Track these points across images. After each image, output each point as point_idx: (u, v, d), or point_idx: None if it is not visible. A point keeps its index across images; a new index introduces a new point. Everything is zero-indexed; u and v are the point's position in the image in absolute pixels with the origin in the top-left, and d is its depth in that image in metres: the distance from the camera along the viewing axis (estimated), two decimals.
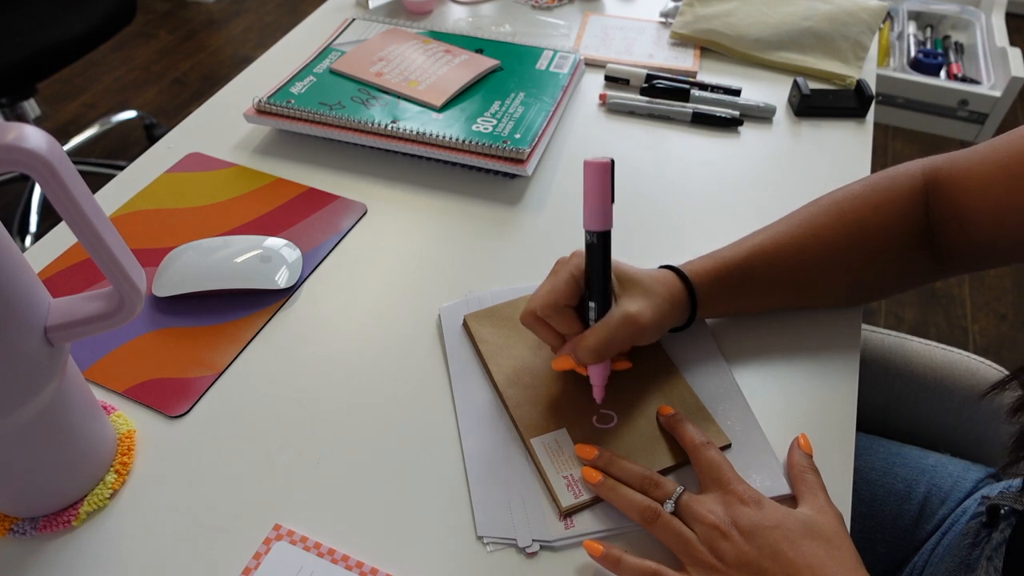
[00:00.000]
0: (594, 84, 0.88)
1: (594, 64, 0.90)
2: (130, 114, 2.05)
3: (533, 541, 0.47)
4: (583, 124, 0.82)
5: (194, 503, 0.49)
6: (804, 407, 0.55)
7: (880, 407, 0.76)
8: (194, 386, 0.55)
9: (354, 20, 0.92)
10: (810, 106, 0.83)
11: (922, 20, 2.21)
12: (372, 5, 0.99)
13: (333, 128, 0.74)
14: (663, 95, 0.84)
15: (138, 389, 0.55)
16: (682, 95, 0.83)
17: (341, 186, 0.73)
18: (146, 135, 2.03)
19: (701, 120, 0.82)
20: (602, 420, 0.53)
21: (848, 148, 0.79)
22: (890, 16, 2.14)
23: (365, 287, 0.63)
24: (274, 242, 0.64)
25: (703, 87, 0.85)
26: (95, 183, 0.60)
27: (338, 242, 0.67)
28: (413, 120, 0.74)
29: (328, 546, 0.47)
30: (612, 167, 0.48)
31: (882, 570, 0.66)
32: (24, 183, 1.80)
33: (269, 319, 0.60)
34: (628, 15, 0.99)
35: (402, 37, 0.87)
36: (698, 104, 0.83)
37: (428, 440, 0.53)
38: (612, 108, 0.83)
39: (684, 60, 0.90)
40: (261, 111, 0.76)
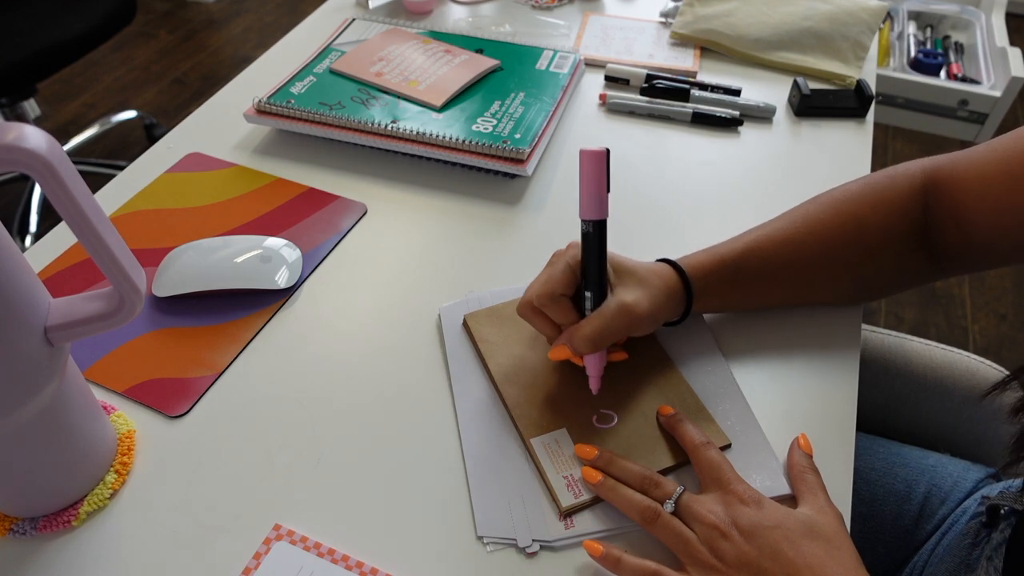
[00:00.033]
0: (594, 84, 0.88)
1: (594, 64, 0.90)
2: (130, 114, 2.05)
3: (533, 541, 0.47)
4: (583, 124, 0.82)
5: (194, 503, 0.49)
6: (804, 407, 0.55)
7: (880, 407, 0.76)
8: (194, 386, 0.55)
9: (354, 20, 0.92)
10: (810, 106, 0.83)
11: (922, 20, 2.21)
12: (372, 5, 0.99)
13: (333, 128, 0.74)
14: (663, 95, 0.84)
15: (138, 389, 0.55)
16: (682, 95, 0.83)
17: (341, 186, 0.73)
18: (146, 135, 2.03)
19: (701, 120, 0.82)
20: (602, 420, 0.53)
21: (848, 148, 0.79)
22: (890, 16, 2.14)
23: (365, 287, 0.63)
24: (274, 242, 0.64)
25: (703, 87, 0.85)
26: (95, 183, 0.60)
27: (338, 242, 0.67)
28: (413, 120, 0.74)
29: (328, 546, 0.47)
30: (608, 156, 0.48)
31: (882, 570, 0.66)
32: (24, 183, 1.80)
33: (269, 319, 0.60)
34: (628, 15, 0.99)
35: (402, 37, 0.87)
36: (698, 104, 0.83)
37: (428, 440, 0.53)
38: (612, 108, 0.83)
39: (684, 60, 0.90)
40: (261, 111, 0.76)
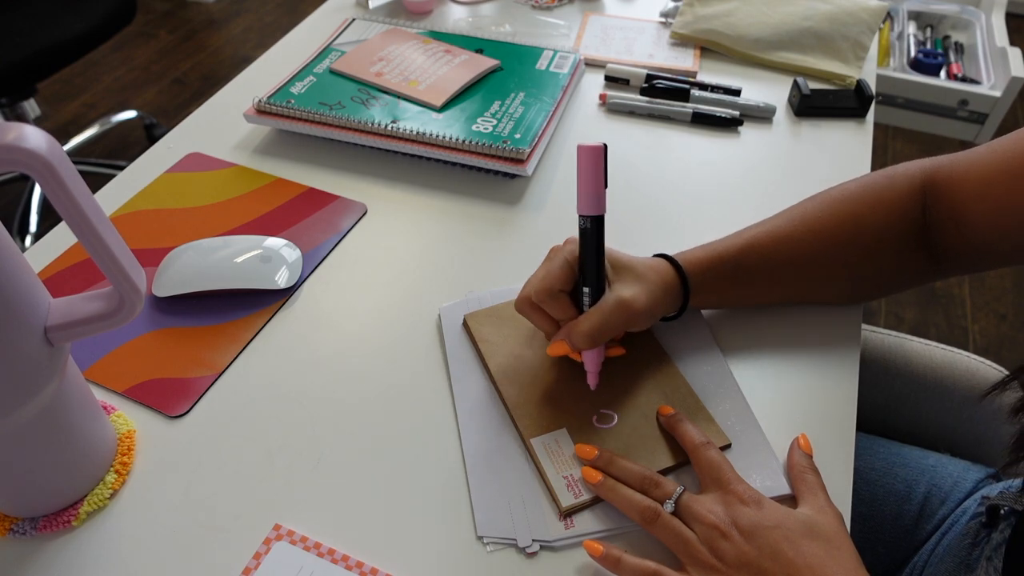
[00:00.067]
0: (594, 84, 0.88)
1: (594, 64, 0.90)
2: (130, 114, 2.05)
3: (533, 541, 0.47)
4: (583, 124, 0.82)
5: (194, 503, 0.49)
6: (804, 407, 0.55)
7: (880, 407, 0.76)
8: (194, 386, 0.55)
9: (354, 20, 0.92)
10: (810, 106, 0.83)
11: (922, 20, 2.21)
12: (372, 5, 0.99)
13: (333, 128, 0.74)
14: (663, 95, 0.84)
15: (138, 389, 0.55)
16: (682, 95, 0.83)
17: (341, 186, 0.73)
18: (146, 135, 2.03)
19: (701, 120, 0.82)
20: (602, 420, 0.53)
21: (848, 148, 0.79)
22: (890, 16, 2.14)
23: (365, 287, 0.63)
24: (274, 242, 0.64)
25: (703, 87, 0.85)
26: (95, 183, 0.60)
27: (338, 242, 0.67)
28: (413, 120, 0.74)
29: (328, 546, 0.47)
30: (605, 151, 0.48)
31: (882, 570, 0.66)
32: (24, 183, 1.80)
33: (269, 319, 0.60)
34: (628, 15, 0.99)
35: (402, 37, 0.87)
36: (698, 104, 0.83)
37: (428, 440, 0.53)
38: (612, 108, 0.83)
39: (684, 60, 0.90)
40: (261, 111, 0.76)
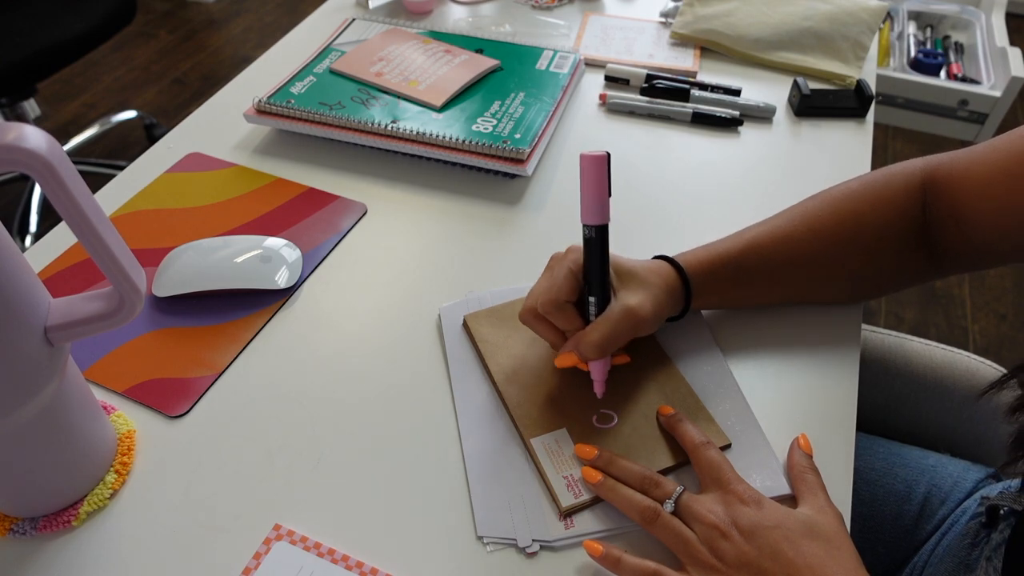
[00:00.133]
0: (594, 84, 0.88)
1: (594, 64, 0.90)
2: (130, 114, 2.05)
3: (533, 541, 0.47)
4: (583, 124, 0.82)
5: (194, 503, 0.49)
6: (804, 407, 0.55)
7: (880, 407, 0.76)
8: (194, 386, 0.55)
9: (354, 20, 0.92)
10: (810, 106, 0.83)
11: (922, 20, 2.21)
12: (372, 5, 0.99)
13: (333, 128, 0.74)
14: (663, 95, 0.84)
15: (138, 389, 0.55)
16: (682, 95, 0.83)
17: (341, 186, 0.73)
18: (146, 135, 2.03)
19: (701, 120, 0.82)
20: (602, 420, 0.53)
21: (848, 148, 0.79)
22: (890, 16, 2.14)
23: (365, 287, 0.63)
24: (274, 242, 0.64)
25: (703, 87, 0.85)
26: (95, 183, 0.60)
27: (338, 242, 0.67)
28: (413, 120, 0.74)
29: (328, 546, 0.47)
30: (609, 160, 0.48)
31: (882, 570, 0.66)
32: (24, 183, 1.80)
33: (269, 319, 0.60)
34: (628, 15, 0.99)
35: (402, 37, 0.87)
36: (698, 104, 0.83)
37: (428, 440, 0.53)
38: (612, 108, 0.83)
39: (684, 60, 0.90)
40: (261, 111, 0.76)
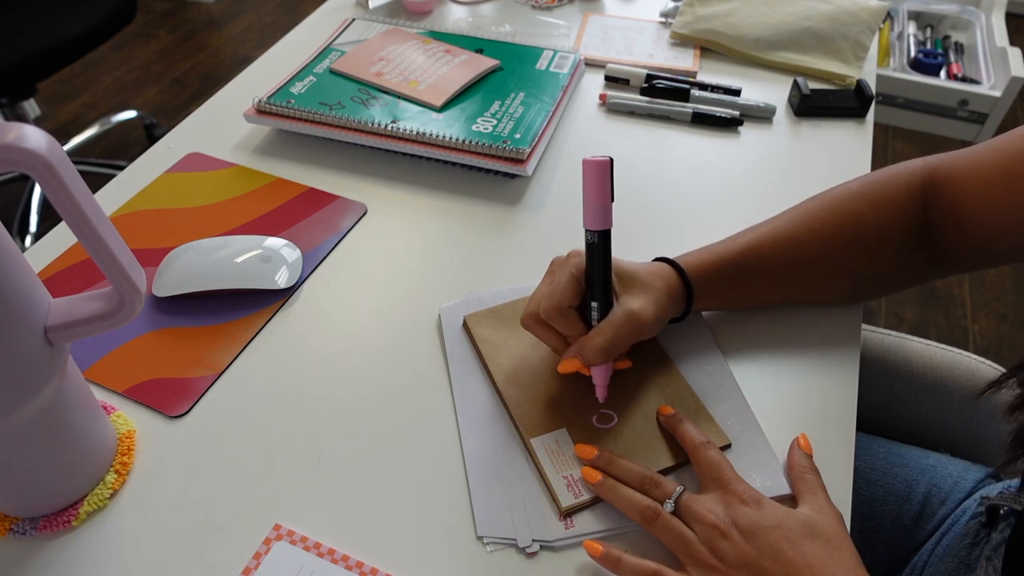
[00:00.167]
0: (594, 84, 0.88)
1: (594, 64, 0.90)
2: (130, 114, 2.05)
3: (533, 541, 0.47)
4: (583, 124, 0.82)
5: (194, 503, 0.49)
6: (804, 407, 0.55)
7: (880, 407, 0.76)
8: (194, 386, 0.55)
9: (354, 20, 0.92)
10: (810, 106, 0.83)
11: (922, 20, 2.21)
12: (372, 5, 0.99)
13: (333, 128, 0.74)
14: (663, 95, 0.84)
15: (138, 389, 0.55)
16: (682, 95, 0.83)
17: (341, 186, 0.73)
18: (146, 135, 2.03)
19: (701, 120, 0.82)
20: (602, 420, 0.53)
21: (848, 148, 0.79)
22: (890, 16, 2.14)
23: (365, 287, 0.63)
24: (274, 242, 0.64)
25: (703, 87, 0.85)
26: (95, 183, 0.60)
27: (338, 242, 0.67)
28: (413, 120, 0.74)
29: (328, 546, 0.47)
30: (611, 165, 0.48)
31: (882, 570, 0.66)
32: (24, 183, 1.80)
33: (269, 319, 0.60)
34: (628, 15, 0.99)
35: (402, 37, 0.87)
36: (698, 104, 0.83)
37: (428, 440, 0.53)
38: (612, 108, 0.83)
39: (684, 60, 0.90)
40: (261, 111, 0.76)
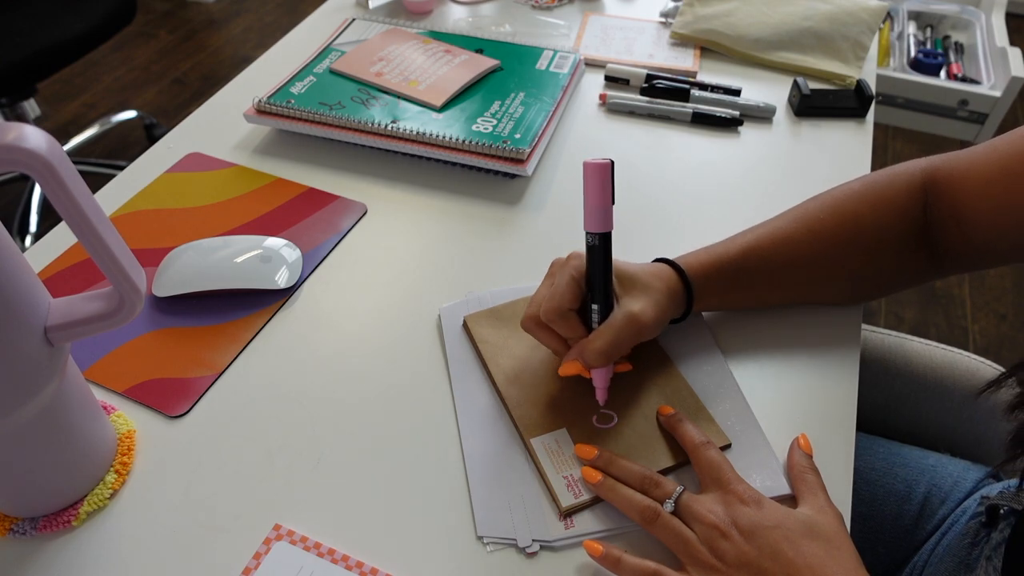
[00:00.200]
0: (594, 84, 0.87)
1: (594, 64, 0.90)
2: (130, 114, 2.05)
3: (533, 541, 0.47)
4: (583, 124, 0.82)
5: (194, 503, 0.49)
6: (804, 407, 0.55)
7: (880, 407, 0.76)
8: (194, 386, 0.55)
9: (354, 20, 0.92)
10: (810, 106, 0.83)
11: (922, 20, 2.21)
12: (372, 5, 0.99)
13: (333, 128, 0.74)
14: (663, 95, 0.84)
15: (138, 389, 0.55)
16: (682, 95, 0.83)
17: (341, 186, 0.73)
18: (146, 135, 2.03)
19: (701, 120, 0.82)
20: (602, 420, 0.53)
21: (848, 148, 0.79)
22: (890, 16, 2.14)
23: (365, 287, 0.63)
24: (274, 242, 0.64)
25: (703, 87, 0.85)
26: (95, 183, 0.60)
27: (338, 242, 0.67)
28: (413, 120, 0.74)
29: (328, 546, 0.47)
30: (612, 168, 0.48)
31: (882, 570, 0.66)
32: (24, 183, 1.80)
33: (269, 319, 0.60)
34: (628, 15, 0.99)
35: (402, 37, 0.87)
36: (698, 104, 0.83)
37: (428, 440, 0.53)
38: (612, 108, 0.83)
39: (684, 60, 0.90)
40: (261, 111, 0.76)
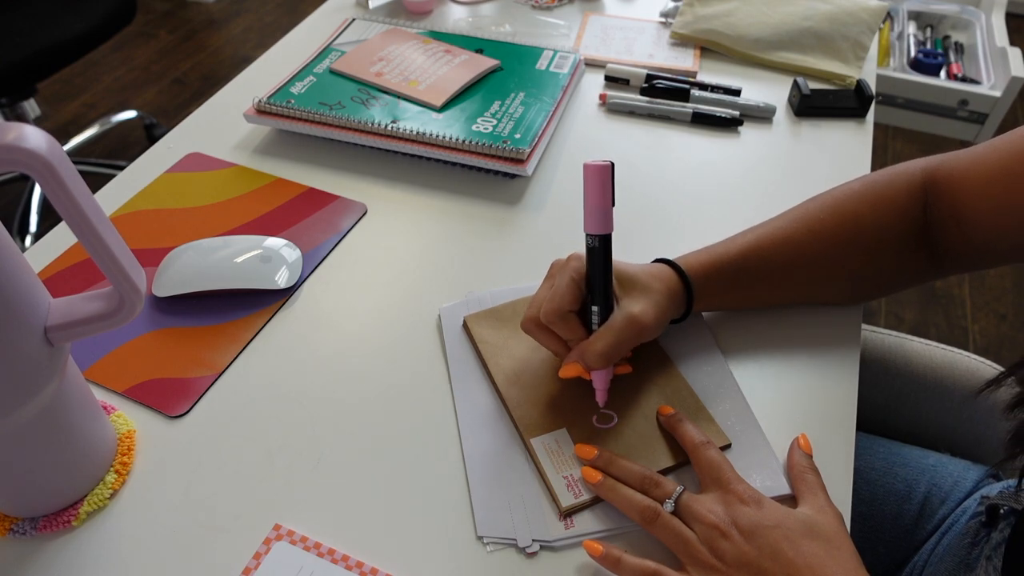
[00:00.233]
0: (594, 84, 0.87)
1: (594, 64, 0.90)
2: (130, 114, 2.05)
3: (533, 541, 0.47)
4: (583, 124, 0.82)
5: (194, 503, 0.49)
6: (804, 407, 0.55)
7: (880, 407, 0.76)
8: (194, 386, 0.55)
9: (354, 20, 0.92)
10: (810, 106, 0.83)
11: (922, 20, 2.21)
12: (372, 5, 0.99)
13: (333, 128, 0.74)
14: (663, 95, 0.84)
15: (138, 389, 0.55)
16: (682, 95, 0.83)
17: (341, 186, 0.73)
18: (146, 135, 2.03)
19: (701, 120, 0.82)
20: (602, 420, 0.53)
21: (848, 148, 0.79)
22: (890, 16, 2.14)
23: (365, 287, 0.63)
24: (274, 242, 0.64)
25: (703, 87, 0.85)
26: (95, 183, 0.60)
27: (338, 242, 0.67)
28: (413, 120, 0.74)
29: (328, 546, 0.47)
30: (612, 170, 0.48)
31: (882, 570, 0.66)
32: (24, 183, 1.80)
33: (269, 319, 0.60)
34: (628, 15, 0.99)
35: (402, 37, 0.87)
36: (698, 104, 0.83)
37: (428, 440, 0.53)
38: (612, 108, 0.83)
39: (684, 60, 0.90)
40: (261, 111, 0.76)
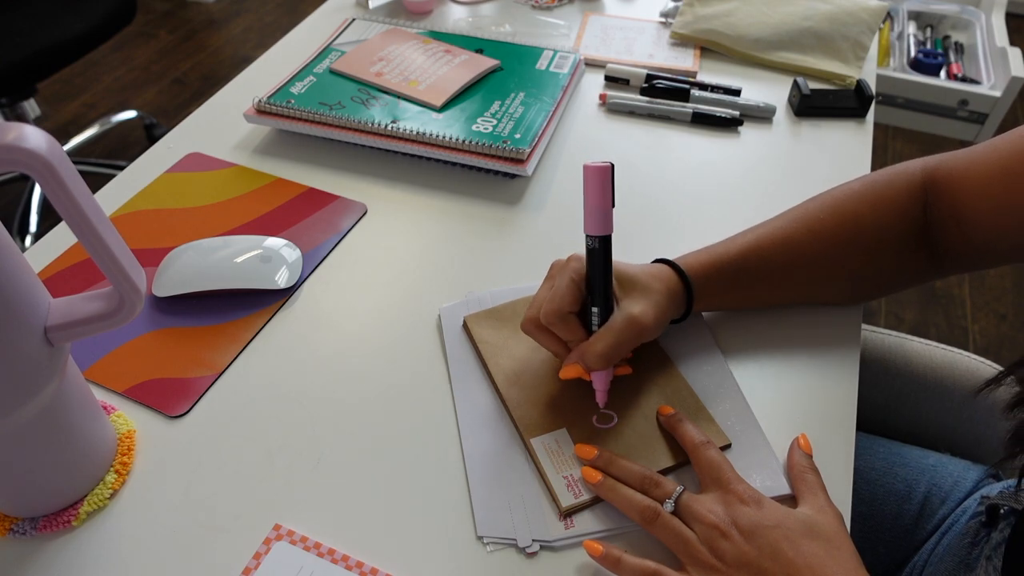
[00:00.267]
0: (594, 84, 0.88)
1: (594, 64, 0.90)
2: (130, 114, 2.05)
3: (533, 541, 0.47)
4: (583, 124, 0.82)
5: (194, 503, 0.49)
6: (804, 407, 0.55)
7: (880, 407, 0.76)
8: (194, 386, 0.55)
9: (354, 20, 0.92)
10: (810, 106, 0.83)
11: (922, 20, 2.21)
12: (372, 5, 0.99)
13: (333, 128, 0.74)
14: (663, 95, 0.84)
15: (138, 389, 0.55)
16: (682, 95, 0.83)
17: (341, 186, 0.73)
18: (146, 135, 2.03)
19: (701, 120, 0.82)
20: (602, 420, 0.53)
21: (848, 148, 0.79)
22: (890, 16, 2.14)
23: (365, 287, 0.63)
24: (274, 242, 0.64)
25: (703, 87, 0.85)
26: (95, 183, 0.60)
27: (338, 242, 0.67)
28: (413, 120, 0.74)
29: (328, 546, 0.47)
30: (612, 171, 0.48)
31: (882, 570, 0.67)
32: (24, 183, 1.80)
33: (269, 319, 0.60)
34: (628, 15, 0.99)
35: (402, 37, 0.87)
36: (698, 104, 0.83)
37: (428, 440, 0.53)
38: (612, 108, 0.83)
39: (684, 60, 0.90)
40: (261, 111, 0.76)
